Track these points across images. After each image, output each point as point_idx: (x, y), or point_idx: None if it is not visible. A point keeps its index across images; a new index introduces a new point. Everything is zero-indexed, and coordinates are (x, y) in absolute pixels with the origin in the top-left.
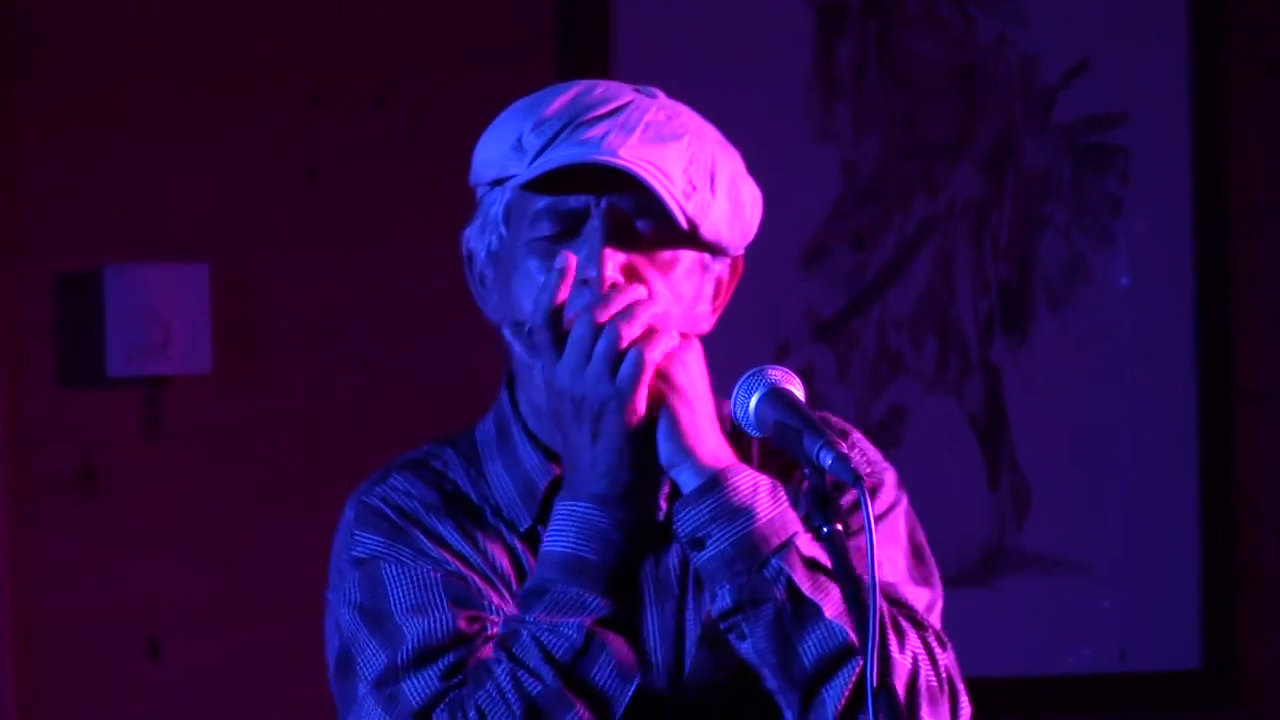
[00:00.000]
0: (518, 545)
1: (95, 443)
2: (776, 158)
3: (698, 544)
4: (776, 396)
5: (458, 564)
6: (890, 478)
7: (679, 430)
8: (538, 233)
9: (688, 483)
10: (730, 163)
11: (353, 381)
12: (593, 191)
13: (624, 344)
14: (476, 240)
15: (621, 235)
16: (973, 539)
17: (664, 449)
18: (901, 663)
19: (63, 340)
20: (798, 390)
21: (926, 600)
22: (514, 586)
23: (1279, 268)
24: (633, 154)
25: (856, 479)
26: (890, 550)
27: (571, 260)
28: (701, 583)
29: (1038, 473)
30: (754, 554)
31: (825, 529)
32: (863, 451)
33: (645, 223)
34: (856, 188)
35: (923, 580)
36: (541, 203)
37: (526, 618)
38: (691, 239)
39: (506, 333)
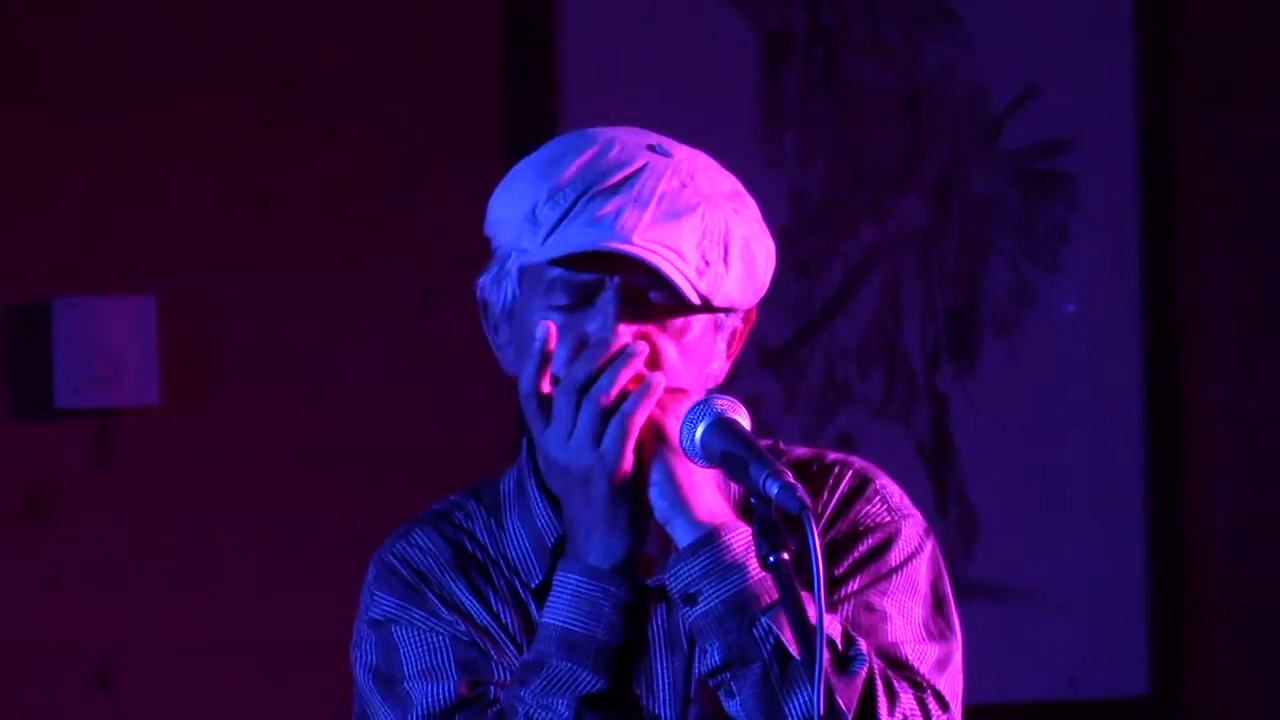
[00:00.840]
0: (530, 602)
1: (44, 474)
2: None
3: (690, 600)
4: (723, 426)
5: (467, 625)
6: (909, 526)
7: (674, 485)
8: (552, 301)
9: (682, 538)
10: (744, 224)
11: (302, 412)
12: (606, 267)
13: (604, 407)
14: (492, 291)
15: (634, 307)
16: None
17: (658, 505)
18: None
19: (11, 373)
20: (744, 419)
21: (936, 657)
22: (523, 645)
23: (1226, 293)
24: (645, 237)
25: (802, 508)
26: (906, 603)
27: (552, 331)
28: None
29: (985, 500)
30: (744, 612)
31: (771, 558)
32: (885, 499)
33: (658, 294)
34: (803, 216)
35: (938, 634)
36: (555, 273)
37: (522, 694)
38: (704, 308)
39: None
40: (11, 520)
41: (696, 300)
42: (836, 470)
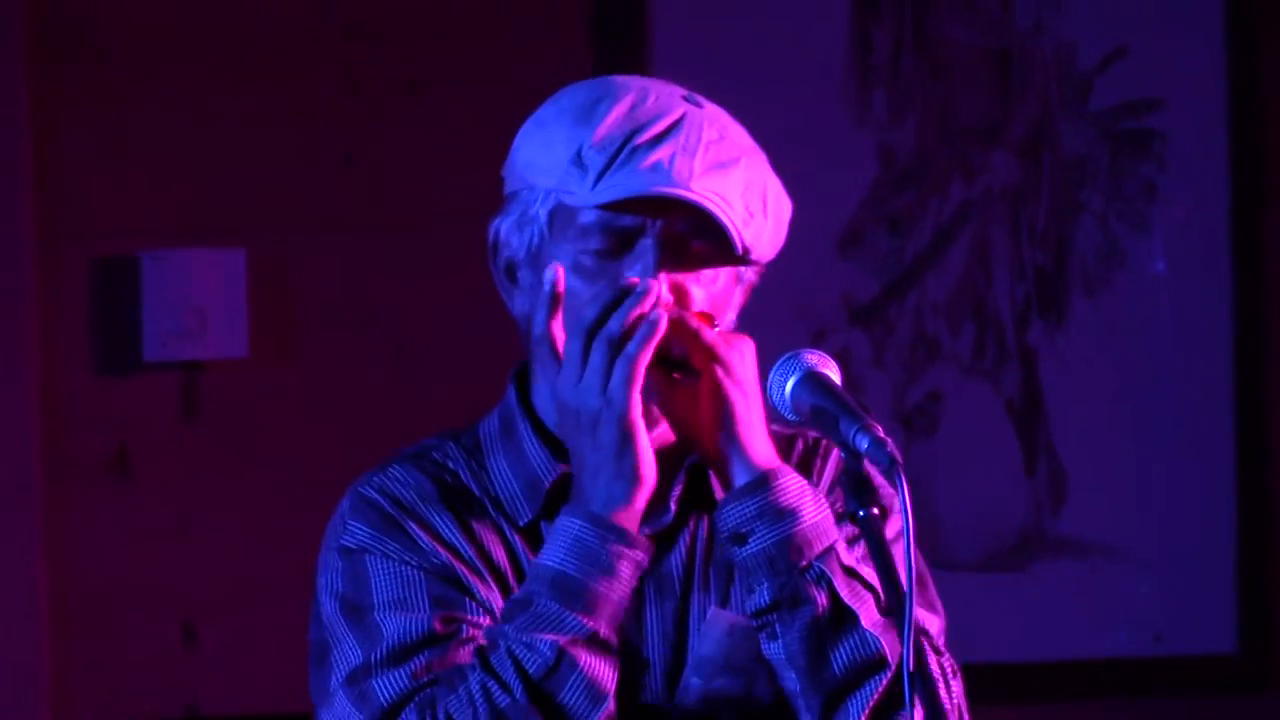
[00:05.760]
0: (516, 539)
1: (131, 427)
2: (813, 143)
3: (740, 539)
4: (813, 380)
5: (447, 555)
6: (898, 503)
7: (733, 423)
8: (587, 246)
9: (737, 476)
10: (773, 178)
11: (388, 366)
12: (650, 211)
13: (613, 348)
14: (513, 234)
15: (673, 255)
16: (1009, 524)
17: (719, 438)
18: (935, 678)
19: (100, 326)
20: (834, 374)
21: (937, 626)
22: (509, 580)
23: None
24: (701, 186)
25: (892, 463)
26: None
27: (560, 274)
28: (707, 583)
29: (1074, 458)
30: (797, 555)
31: (861, 513)
32: (873, 475)
33: (698, 243)
34: (893, 173)
35: (928, 606)
36: (593, 216)
37: (506, 629)
38: (740, 259)
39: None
40: (100, 473)
41: (741, 250)
42: (824, 446)
